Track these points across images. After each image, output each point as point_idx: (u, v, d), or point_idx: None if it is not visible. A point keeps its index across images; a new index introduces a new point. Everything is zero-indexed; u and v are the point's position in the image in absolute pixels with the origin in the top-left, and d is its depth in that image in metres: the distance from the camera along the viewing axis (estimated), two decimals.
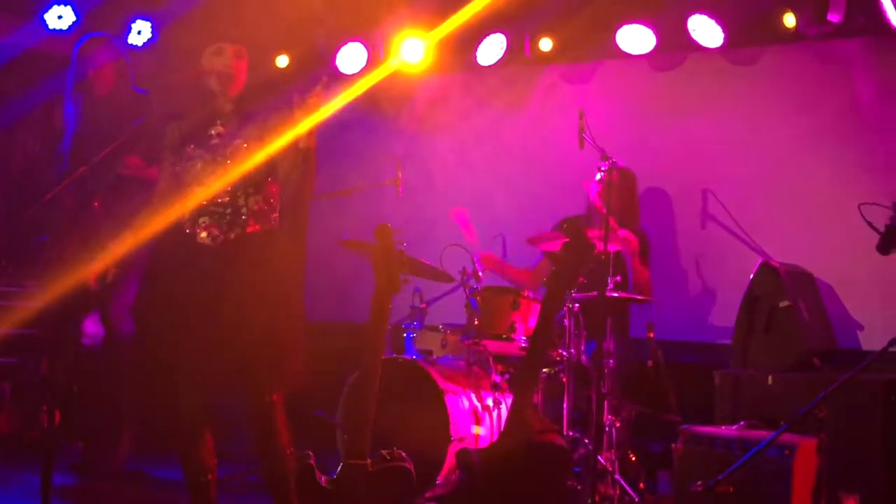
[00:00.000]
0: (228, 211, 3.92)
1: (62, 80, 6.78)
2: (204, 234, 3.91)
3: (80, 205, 5.35)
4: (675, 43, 6.11)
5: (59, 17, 6.41)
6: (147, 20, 6.63)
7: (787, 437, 4.16)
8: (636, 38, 6.09)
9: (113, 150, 4.64)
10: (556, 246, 4.94)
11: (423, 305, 5.78)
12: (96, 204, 5.31)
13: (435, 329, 5.60)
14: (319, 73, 4.09)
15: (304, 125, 3.90)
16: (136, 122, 4.43)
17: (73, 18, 6.45)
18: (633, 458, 5.22)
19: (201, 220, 3.94)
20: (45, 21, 6.42)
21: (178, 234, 3.95)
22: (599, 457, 4.83)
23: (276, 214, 3.98)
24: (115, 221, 5.21)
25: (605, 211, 5.02)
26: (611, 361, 5.00)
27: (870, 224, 4.30)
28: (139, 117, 4.58)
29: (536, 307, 5.17)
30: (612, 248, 5.06)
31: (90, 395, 5.48)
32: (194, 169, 3.96)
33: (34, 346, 6.42)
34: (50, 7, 6.39)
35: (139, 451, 5.64)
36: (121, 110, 5.04)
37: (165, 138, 4.08)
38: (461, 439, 4.90)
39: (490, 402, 5.09)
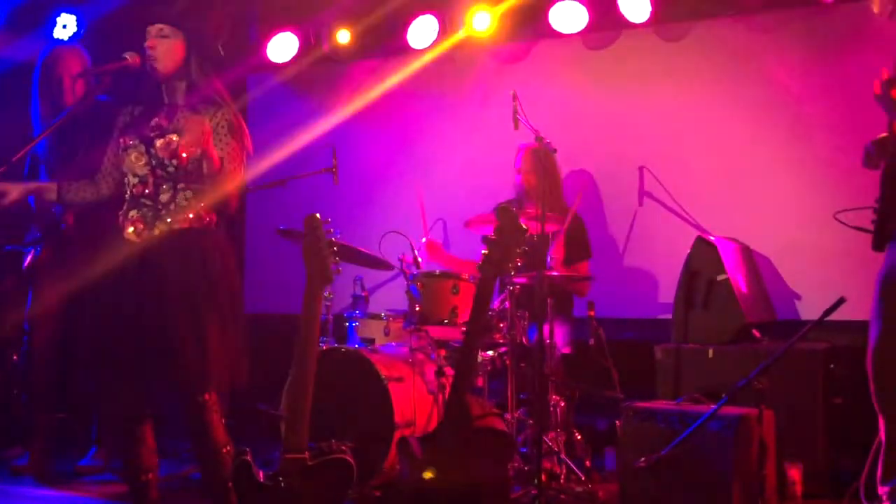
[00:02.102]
0: (156, 206, 3.85)
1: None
2: (131, 229, 3.85)
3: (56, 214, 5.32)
4: (606, 20, 6.11)
5: None
6: (72, 13, 6.50)
7: (728, 410, 4.19)
8: (569, 17, 6.09)
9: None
10: (489, 228, 4.94)
11: (365, 294, 5.75)
12: (69, 215, 5.27)
13: (377, 317, 5.56)
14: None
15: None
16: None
17: None
18: (579, 437, 5.25)
19: (131, 213, 3.88)
20: None
21: (113, 227, 3.90)
22: (545, 437, 4.83)
23: (206, 211, 3.90)
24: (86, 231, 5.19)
25: (523, 189, 5.00)
26: (554, 341, 5.00)
27: (859, 228, 4.36)
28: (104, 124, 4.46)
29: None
30: (549, 228, 5.07)
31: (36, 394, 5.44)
32: (129, 159, 3.89)
33: None
34: None
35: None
36: (87, 118, 4.94)
37: (116, 124, 4.02)
38: (406, 426, 4.88)
39: (434, 388, 5.07)
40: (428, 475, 3.65)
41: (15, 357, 5.81)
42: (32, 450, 5.51)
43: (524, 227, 3.76)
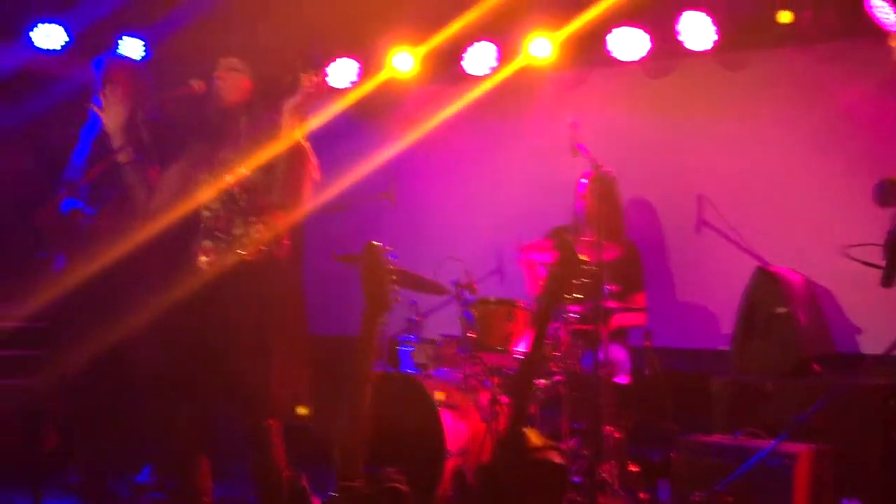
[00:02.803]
0: (228, 237, 3.91)
1: (52, 99, 6.80)
2: (203, 258, 3.92)
3: (83, 219, 5.35)
4: (666, 48, 6.07)
5: (47, 35, 6.39)
6: (137, 37, 6.61)
7: (786, 445, 4.12)
8: (628, 44, 6.07)
9: (109, 165, 4.59)
10: (545, 255, 4.93)
11: (419, 318, 5.74)
12: (103, 220, 5.31)
13: (431, 342, 5.55)
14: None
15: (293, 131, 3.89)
16: (146, 141, 4.35)
17: (66, 38, 6.43)
18: (633, 469, 5.19)
19: (204, 242, 3.95)
20: (31, 39, 6.40)
21: (186, 255, 3.96)
22: (599, 468, 4.79)
23: (276, 243, 3.95)
24: (118, 237, 5.24)
25: (586, 219, 5.01)
26: (609, 372, 4.96)
27: (867, 263, 4.30)
28: (152, 139, 4.52)
29: (532, 318, 5.14)
30: (607, 257, 5.04)
31: (87, 417, 5.48)
32: (201, 192, 3.96)
33: (33, 367, 6.41)
34: (35, 25, 6.37)
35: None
36: (139, 132, 5.00)
37: (184, 156, 4.07)
38: (459, 453, 4.87)
39: (487, 415, 5.05)
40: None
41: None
42: (86, 468, 5.55)
43: (583, 257, 3.75)
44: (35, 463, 5.92)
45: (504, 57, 6.46)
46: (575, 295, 3.80)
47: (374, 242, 3.67)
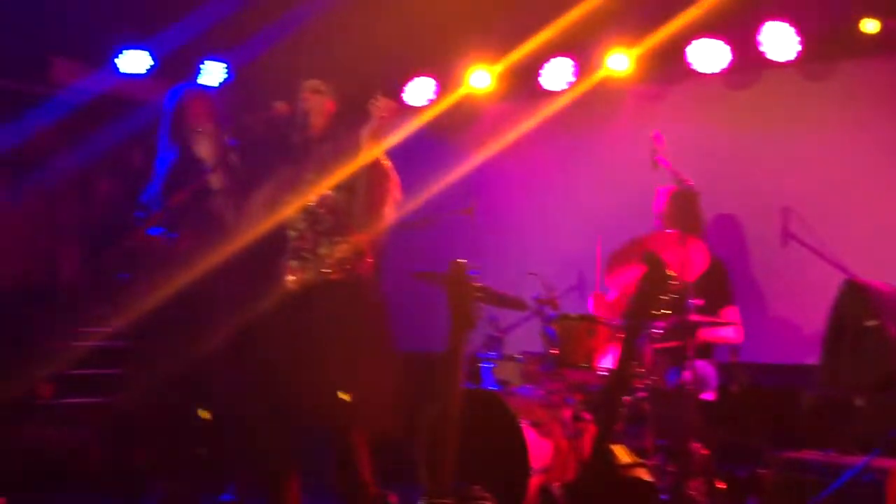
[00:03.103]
0: (314, 257, 3.96)
1: (137, 123, 6.95)
2: (291, 278, 3.98)
3: (168, 244, 5.44)
4: (748, 59, 6.00)
5: (134, 61, 6.54)
6: (220, 61, 6.73)
7: (878, 461, 4.03)
8: (709, 56, 6.01)
9: (197, 190, 4.67)
10: (629, 270, 4.89)
11: (500, 334, 5.72)
12: (183, 243, 5.40)
13: (512, 359, 5.53)
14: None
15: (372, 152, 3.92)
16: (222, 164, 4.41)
17: (149, 62, 6.57)
18: (721, 486, 5.10)
19: (292, 263, 4.01)
20: (116, 66, 6.55)
21: (273, 275, 4.02)
22: (686, 485, 4.73)
23: (361, 263, 3.99)
24: (198, 259, 5.33)
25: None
26: (694, 387, 4.90)
27: None
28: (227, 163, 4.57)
29: (614, 334, 5.10)
30: (691, 272, 4.97)
31: (173, 435, 5.56)
32: (286, 214, 4.02)
33: (119, 385, 6.55)
34: (121, 52, 6.52)
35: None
36: (228, 158, 5.06)
37: (269, 178, 4.13)
38: (542, 471, 4.84)
39: (571, 432, 5.02)
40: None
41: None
42: (172, 486, 5.63)
43: (671, 273, 3.71)
44: (122, 481, 6.04)
45: (582, 71, 6.44)
46: (663, 311, 3.76)
47: (460, 260, 3.67)
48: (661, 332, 4.93)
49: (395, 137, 7.41)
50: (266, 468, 4.03)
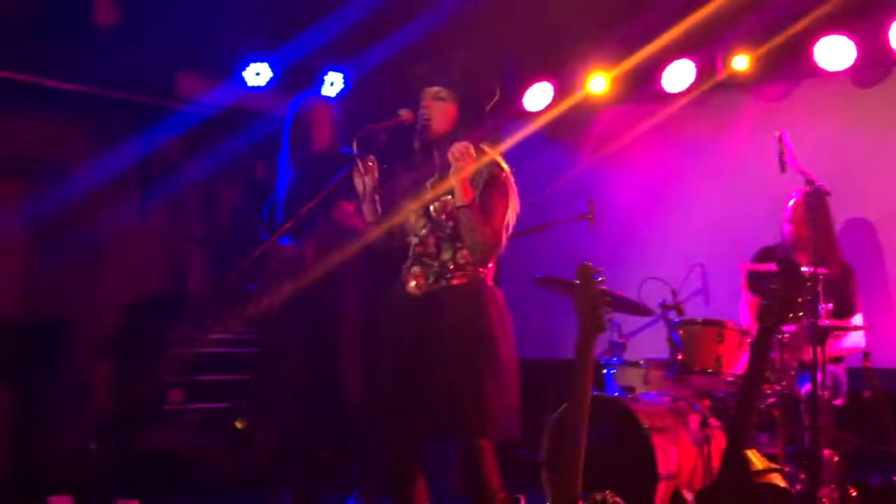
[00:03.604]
0: (436, 263, 3.99)
1: (259, 135, 7.10)
2: (412, 283, 4.01)
3: (294, 253, 5.54)
4: (875, 56, 5.83)
5: (257, 73, 6.68)
6: (340, 71, 6.82)
7: None
8: (835, 54, 5.85)
9: (322, 200, 4.74)
10: (765, 275, 4.79)
11: (623, 340, 5.68)
12: (308, 252, 5.49)
13: (636, 364, 5.48)
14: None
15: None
16: (342, 172, 4.45)
17: (270, 74, 6.71)
18: (854, 494, 4.97)
19: (413, 269, 4.04)
20: (243, 79, 6.70)
21: (397, 282, 4.06)
22: (818, 493, 4.62)
23: (482, 265, 4.00)
24: (325, 268, 5.42)
25: (793, 239, 4.88)
26: (826, 393, 4.78)
27: None
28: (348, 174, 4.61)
29: (742, 339, 5.02)
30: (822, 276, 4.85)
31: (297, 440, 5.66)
32: (409, 221, 4.05)
33: (241, 392, 6.71)
34: (248, 65, 6.67)
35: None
36: (333, 166, 5.12)
37: (391, 185, 4.18)
38: (669, 477, 4.79)
39: (699, 439, 4.95)
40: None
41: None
42: (297, 489, 5.72)
43: (806, 277, 3.63)
44: (245, 486, 6.18)
45: (702, 73, 6.34)
46: (796, 314, 3.68)
47: (587, 264, 3.65)
48: (792, 336, 4.82)
49: (510, 141, 7.46)
50: (392, 472, 4.05)
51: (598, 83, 6.67)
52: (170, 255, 7.34)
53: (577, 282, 3.58)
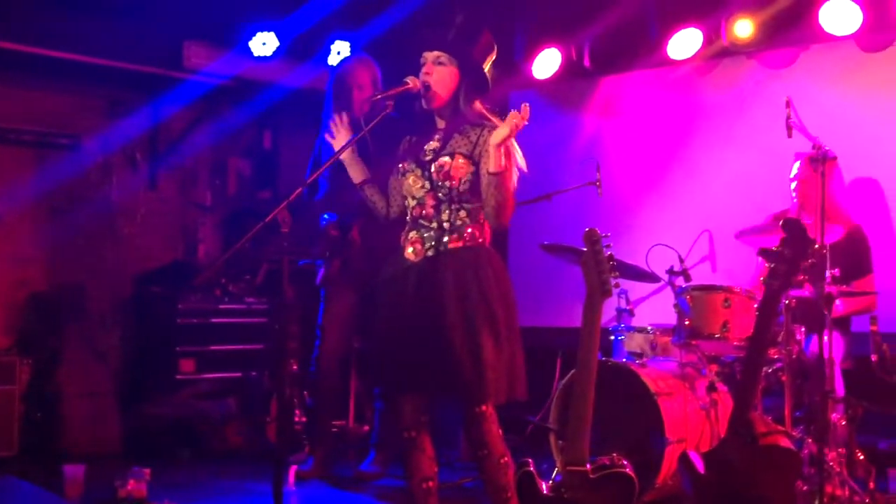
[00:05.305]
0: (433, 226, 3.99)
1: (268, 104, 7.11)
2: (410, 249, 4.00)
3: (342, 232, 5.59)
4: (882, 20, 5.80)
5: (264, 43, 6.67)
6: (346, 40, 6.81)
7: None
8: (840, 18, 5.82)
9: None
10: (765, 241, 4.79)
11: (630, 307, 5.71)
12: (355, 232, 5.54)
13: (643, 331, 5.51)
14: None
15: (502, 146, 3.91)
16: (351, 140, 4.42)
17: (277, 44, 6.70)
18: (861, 457, 5.00)
19: (411, 234, 4.03)
20: (249, 49, 6.70)
21: (396, 248, 4.07)
22: (825, 456, 4.64)
23: (481, 231, 4.00)
24: (370, 248, 5.46)
25: (799, 202, 4.92)
26: (833, 357, 4.80)
27: None
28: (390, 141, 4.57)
29: (749, 304, 5.04)
30: (829, 239, 4.86)
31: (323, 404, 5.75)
32: (407, 183, 4.06)
33: (257, 360, 6.77)
34: (254, 34, 6.66)
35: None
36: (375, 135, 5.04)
37: (397, 152, 4.18)
38: (678, 441, 4.83)
39: (706, 403, 4.99)
40: None
41: (294, 366, 6.12)
42: (317, 455, 5.78)
43: (812, 238, 3.64)
44: (260, 453, 6.25)
45: (708, 39, 6.32)
46: (802, 277, 3.70)
47: (594, 229, 3.67)
48: (799, 300, 4.84)
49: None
50: (401, 438, 4.09)
51: (601, 53, 6.66)
52: (180, 224, 7.38)
53: (585, 247, 3.61)
